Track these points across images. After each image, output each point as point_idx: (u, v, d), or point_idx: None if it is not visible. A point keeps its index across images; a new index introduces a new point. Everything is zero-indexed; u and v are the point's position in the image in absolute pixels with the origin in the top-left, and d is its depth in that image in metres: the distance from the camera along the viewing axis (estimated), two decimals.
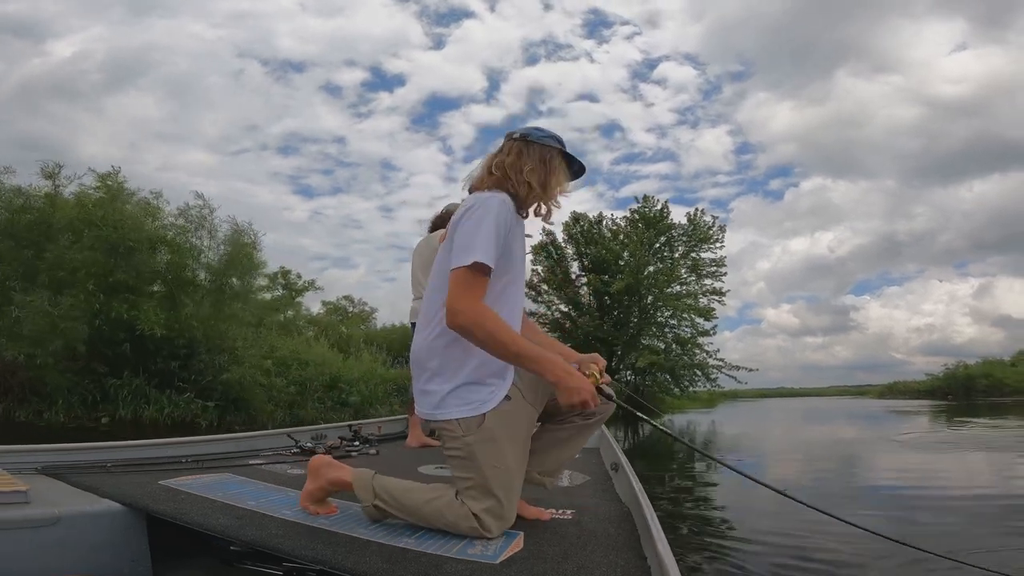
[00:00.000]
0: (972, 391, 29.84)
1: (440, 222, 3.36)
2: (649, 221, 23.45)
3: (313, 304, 22.65)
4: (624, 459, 2.22)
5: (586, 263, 24.25)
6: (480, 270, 1.31)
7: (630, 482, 1.81)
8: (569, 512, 1.64)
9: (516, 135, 1.53)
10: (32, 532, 1.24)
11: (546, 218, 1.56)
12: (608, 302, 23.46)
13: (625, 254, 22.95)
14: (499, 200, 1.38)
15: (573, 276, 24.46)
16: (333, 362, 12.30)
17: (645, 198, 24.36)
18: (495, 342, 1.29)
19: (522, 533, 1.37)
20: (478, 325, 1.29)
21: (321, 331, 16.21)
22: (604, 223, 24.75)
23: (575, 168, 1.58)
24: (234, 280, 10.70)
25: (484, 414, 1.36)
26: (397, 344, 17.30)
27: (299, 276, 22.33)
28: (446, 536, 1.32)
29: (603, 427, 3.22)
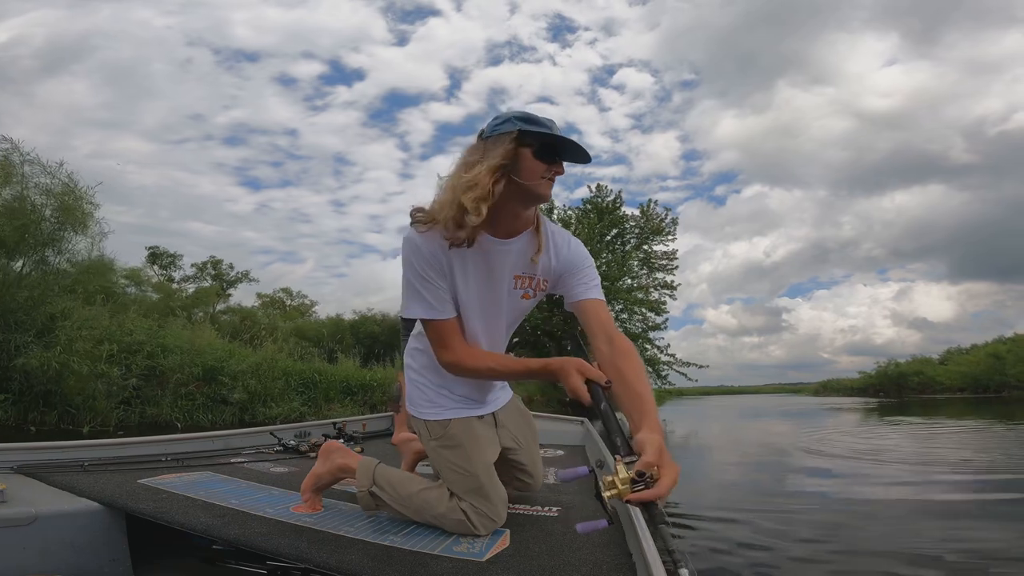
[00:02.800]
0: (904, 388, 30.65)
1: None
2: (601, 211, 23.00)
3: (248, 297, 21.60)
4: (609, 456, 2.23)
5: None
6: (425, 322, 1.34)
7: None
8: (555, 509, 1.65)
9: (481, 134, 1.29)
10: (9, 532, 1.21)
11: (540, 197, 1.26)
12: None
13: None
14: (405, 247, 1.28)
15: None
16: (213, 350, 9.65)
17: (598, 187, 23.73)
18: (485, 375, 1.36)
19: (508, 531, 1.38)
20: (462, 370, 1.34)
21: (241, 321, 14.35)
22: (555, 212, 23.98)
23: (550, 142, 1.23)
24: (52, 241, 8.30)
25: (449, 420, 1.42)
26: (329, 337, 15.64)
27: (231, 266, 21.43)
28: (432, 534, 1.32)
29: (589, 425, 3.26)
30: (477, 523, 1.33)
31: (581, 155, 1.26)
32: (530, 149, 1.22)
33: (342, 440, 2.89)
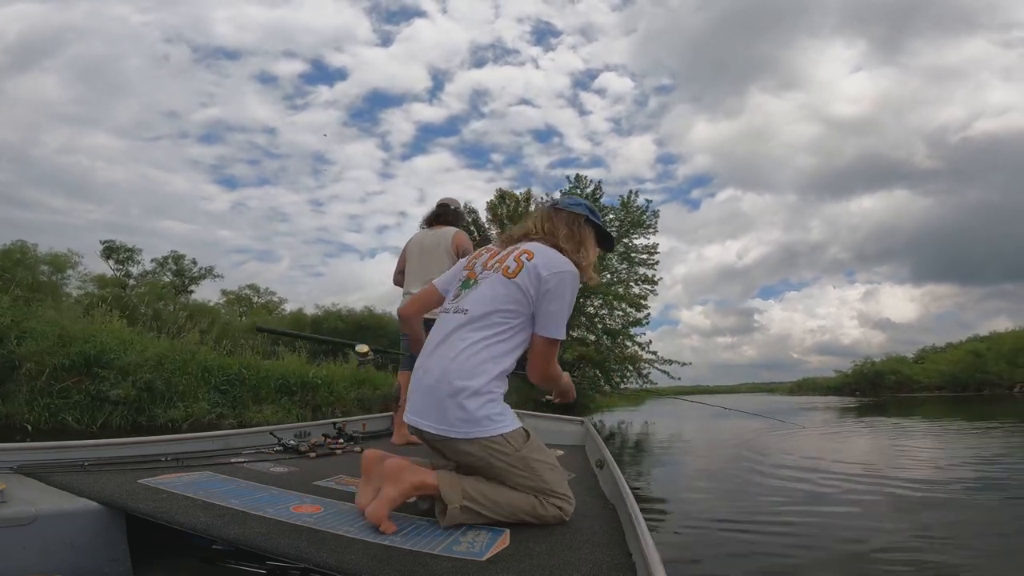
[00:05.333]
0: (880, 387, 30.69)
1: (436, 218, 3.41)
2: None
3: (213, 293, 21.16)
4: (609, 456, 2.23)
5: None
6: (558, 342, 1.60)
7: (615, 479, 1.83)
8: None
9: (555, 203, 1.76)
10: (9, 532, 1.21)
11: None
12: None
13: None
14: (575, 279, 1.58)
15: None
16: (94, 337, 7.52)
17: (577, 178, 23.11)
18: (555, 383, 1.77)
19: (508, 531, 1.38)
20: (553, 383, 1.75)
21: (188, 316, 12.58)
22: (532, 203, 22.86)
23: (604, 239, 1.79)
24: None
25: (520, 427, 1.50)
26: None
27: (194, 262, 21.22)
28: (432, 534, 1.32)
29: (589, 425, 3.27)
30: (568, 511, 1.49)
31: (611, 245, 1.84)
32: (593, 232, 1.73)
33: (342, 440, 2.88)
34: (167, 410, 7.59)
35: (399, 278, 3.45)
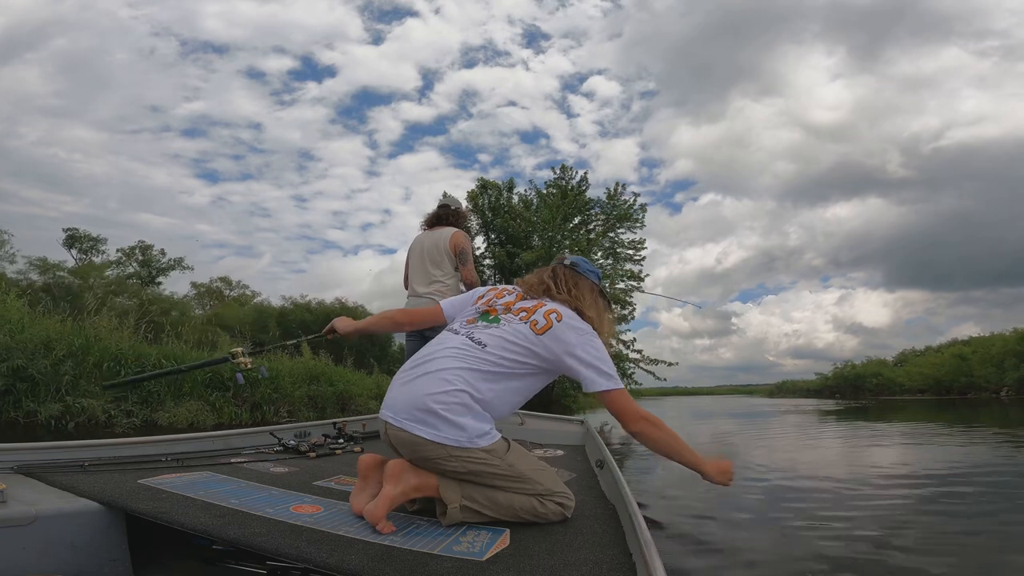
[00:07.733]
0: (861, 390, 30.53)
1: (437, 219, 3.46)
2: (566, 192, 21.43)
3: (183, 286, 20.25)
4: (609, 456, 2.23)
5: (492, 237, 21.80)
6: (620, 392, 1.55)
7: (615, 479, 1.83)
8: None
9: (574, 266, 1.78)
10: (9, 532, 1.21)
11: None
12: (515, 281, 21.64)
13: (536, 238, 20.73)
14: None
15: (477, 252, 21.36)
16: None
17: (563, 168, 22.13)
18: (667, 440, 1.51)
19: (508, 530, 1.38)
20: (654, 428, 1.51)
21: (139, 305, 10.98)
22: (516, 194, 22.39)
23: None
24: None
25: (499, 435, 1.52)
26: (250, 324, 13.74)
27: (163, 252, 20.42)
28: (432, 534, 1.32)
29: (590, 425, 3.27)
30: (569, 507, 1.52)
31: (609, 305, 1.85)
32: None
33: (342, 440, 2.88)
34: (49, 404, 6.13)
35: (406, 281, 3.50)
